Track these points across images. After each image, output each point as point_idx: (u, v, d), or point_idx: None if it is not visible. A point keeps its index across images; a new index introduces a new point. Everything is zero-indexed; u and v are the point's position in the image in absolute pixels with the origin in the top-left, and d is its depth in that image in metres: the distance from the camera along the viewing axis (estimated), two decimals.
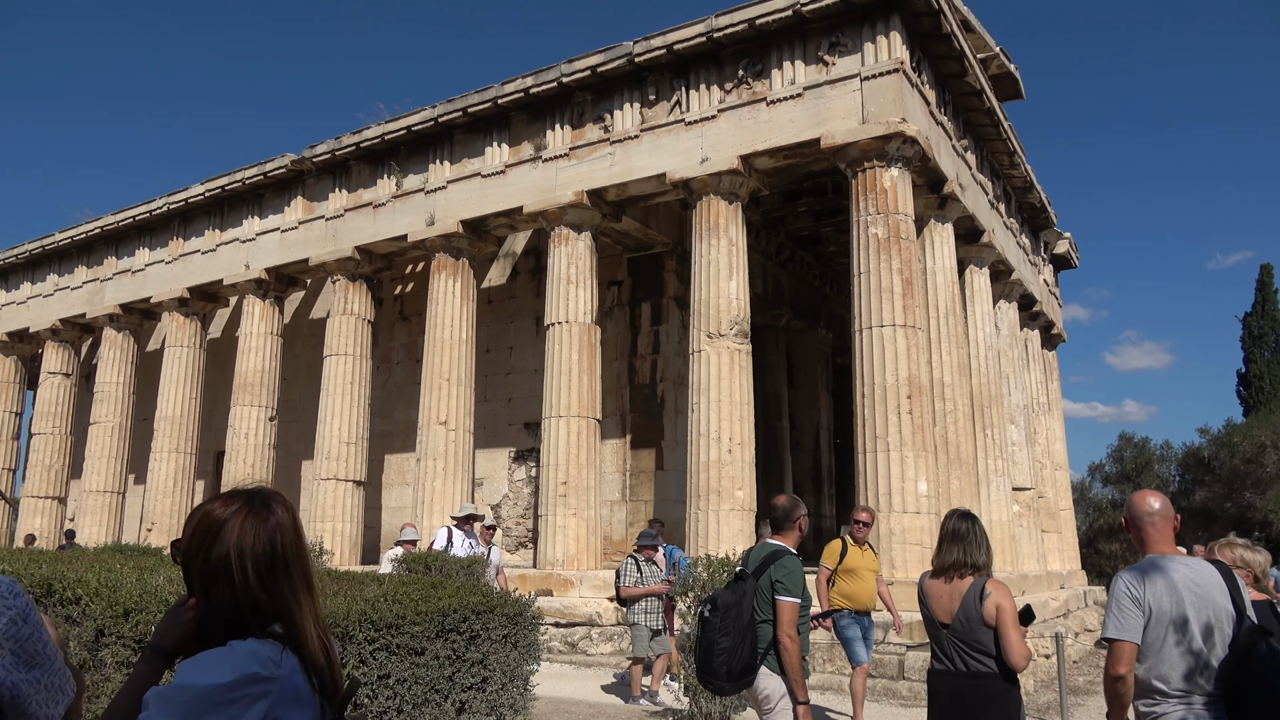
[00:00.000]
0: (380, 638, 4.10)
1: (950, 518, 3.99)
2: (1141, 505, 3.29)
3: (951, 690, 3.79)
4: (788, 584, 4.19)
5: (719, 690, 4.17)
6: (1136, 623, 3.08)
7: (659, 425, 15.00)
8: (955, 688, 3.77)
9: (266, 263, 16.67)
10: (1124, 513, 3.41)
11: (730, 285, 11.93)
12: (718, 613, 4.08)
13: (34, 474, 19.99)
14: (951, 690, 3.79)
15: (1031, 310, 18.37)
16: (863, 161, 11.28)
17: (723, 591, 4.24)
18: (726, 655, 4.02)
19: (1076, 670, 10.86)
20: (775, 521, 4.45)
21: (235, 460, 16.22)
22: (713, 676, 4.07)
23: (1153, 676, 3.07)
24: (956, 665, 3.76)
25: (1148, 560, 3.20)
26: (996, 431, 14.37)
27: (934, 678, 3.89)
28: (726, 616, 4.06)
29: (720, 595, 4.19)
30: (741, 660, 4.04)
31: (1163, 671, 3.05)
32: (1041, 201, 17.46)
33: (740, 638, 4.05)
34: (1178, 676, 3.03)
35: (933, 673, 3.91)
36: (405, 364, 17.55)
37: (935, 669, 3.88)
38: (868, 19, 11.28)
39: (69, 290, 20.26)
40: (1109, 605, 3.18)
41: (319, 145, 15.74)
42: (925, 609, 3.91)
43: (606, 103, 13.21)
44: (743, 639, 4.05)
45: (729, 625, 4.05)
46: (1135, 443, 31.88)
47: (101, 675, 4.11)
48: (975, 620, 3.72)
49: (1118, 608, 3.12)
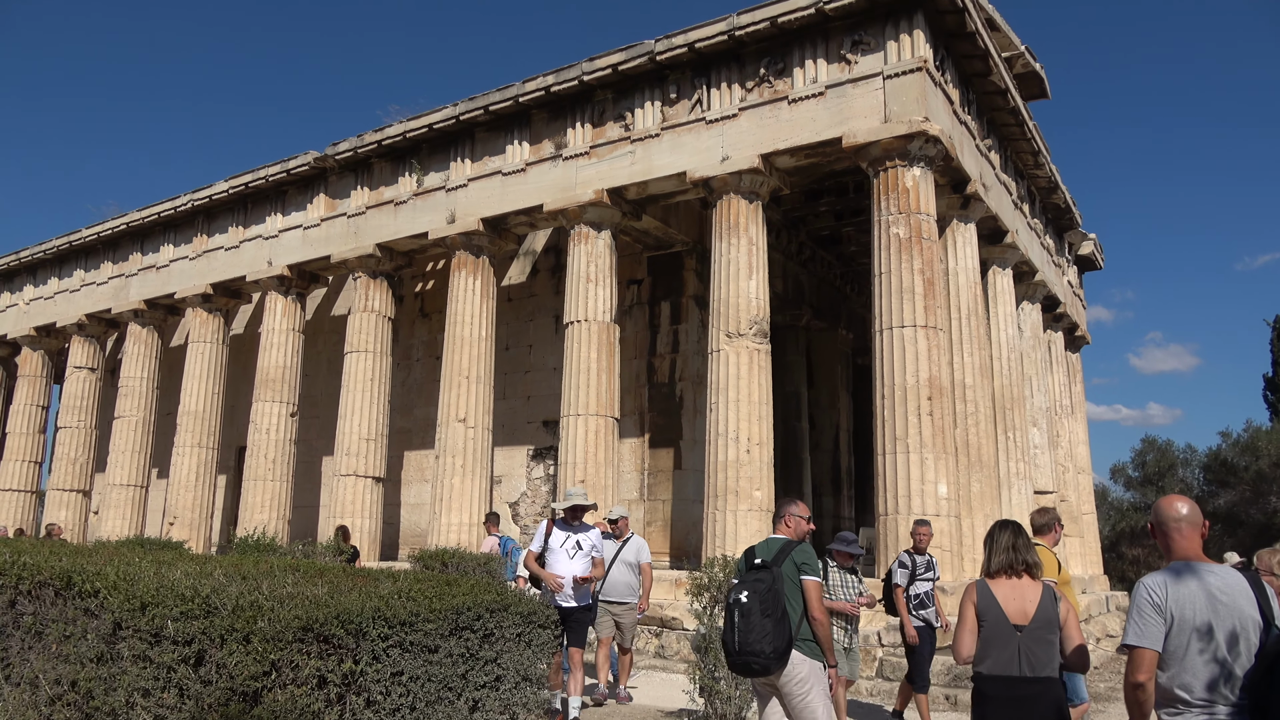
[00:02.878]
0: (394, 635, 4.10)
1: (996, 525, 4.07)
2: (1169, 510, 3.22)
3: (1017, 696, 3.67)
4: (812, 566, 4.70)
5: (764, 669, 4.47)
6: (1158, 630, 3.03)
7: (677, 424, 14.97)
8: (1023, 693, 3.66)
9: (289, 259, 16.78)
10: (1150, 517, 3.34)
11: (750, 284, 11.88)
12: (756, 597, 4.48)
13: (59, 467, 20.23)
14: (1017, 696, 3.67)
15: (1055, 312, 18.19)
16: (884, 161, 11.20)
17: (754, 579, 4.59)
18: (772, 635, 4.42)
19: (1098, 676, 10.73)
20: (778, 517, 4.99)
21: (256, 455, 16.34)
22: (757, 656, 4.42)
23: (1175, 685, 3.01)
24: (1023, 669, 3.67)
25: (1172, 566, 3.15)
26: (1018, 434, 14.23)
27: (993, 682, 3.72)
28: (765, 600, 4.47)
29: (754, 582, 4.56)
30: (784, 638, 4.45)
31: (1186, 680, 3.00)
32: (1066, 202, 17.28)
33: (780, 618, 4.47)
34: (1201, 685, 2.98)
35: (990, 678, 3.73)
36: (425, 361, 17.62)
37: (992, 675, 3.72)
38: (891, 17, 11.20)
39: (95, 286, 20.50)
40: (1130, 612, 3.13)
41: (341, 143, 15.83)
42: (996, 610, 3.77)
43: (627, 101, 13.20)
44: (782, 619, 4.48)
45: (769, 607, 4.47)
46: (1158, 446, 31.52)
47: (118, 668, 4.14)
48: (1053, 621, 3.72)
49: (1139, 614, 3.07)
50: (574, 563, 7.14)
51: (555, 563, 7.15)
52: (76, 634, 4.40)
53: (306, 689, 3.78)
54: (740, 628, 4.47)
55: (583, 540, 7.25)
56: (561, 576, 7.10)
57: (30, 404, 21.96)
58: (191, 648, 3.90)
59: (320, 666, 3.84)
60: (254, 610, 3.88)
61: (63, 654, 4.44)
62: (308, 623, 3.84)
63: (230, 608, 3.93)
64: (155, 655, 3.97)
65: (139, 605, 4.13)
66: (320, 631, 3.86)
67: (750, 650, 4.43)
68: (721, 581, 6.80)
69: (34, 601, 4.82)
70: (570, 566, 7.11)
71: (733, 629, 4.52)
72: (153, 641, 4.03)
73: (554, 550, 7.19)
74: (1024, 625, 3.72)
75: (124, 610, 4.18)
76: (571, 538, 7.24)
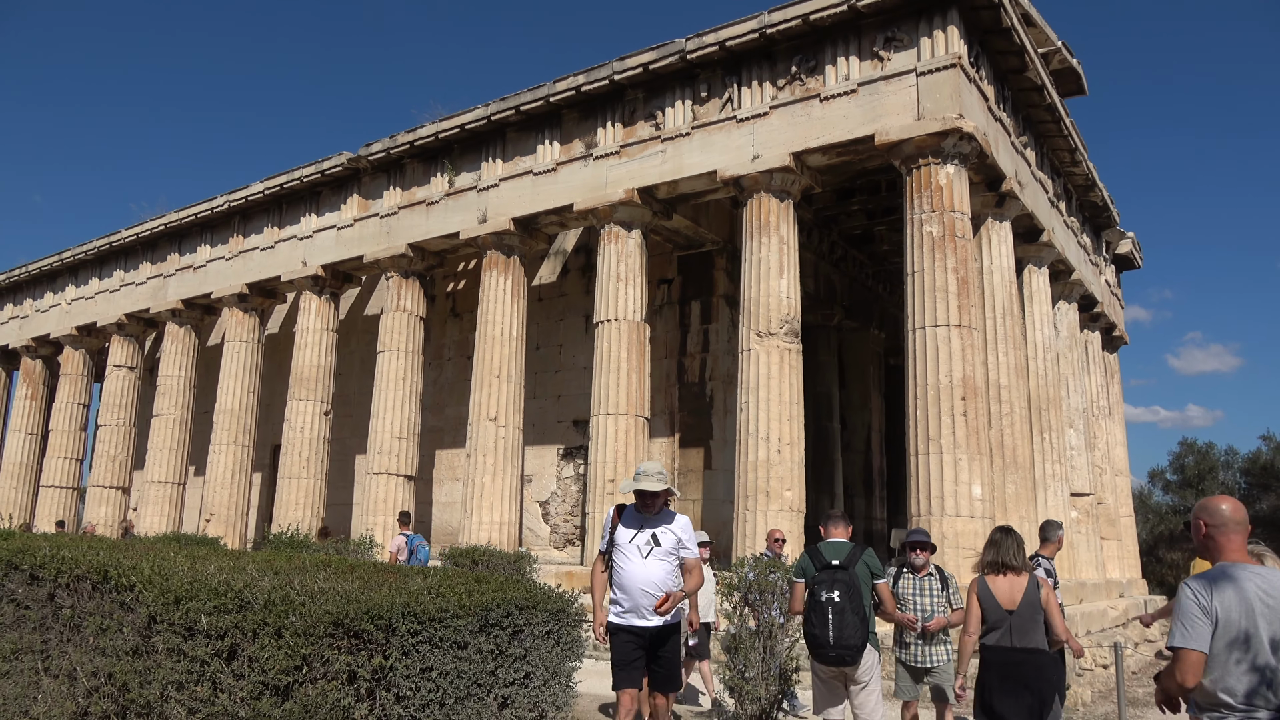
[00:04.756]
0: (424, 630, 4.11)
1: (996, 529, 5.18)
2: (1213, 510, 3.18)
3: (1009, 661, 4.78)
4: (882, 569, 5.46)
5: (853, 660, 5.11)
6: (1205, 631, 2.99)
7: (707, 424, 14.93)
8: (1013, 660, 4.77)
9: (323, 260, 16.95)
10: (1192, 517, 3.29)
11: (781, 284, 11.81)
12: (845, 597, 5.08)
13: (99, 464, 20.59)
14: (1009, 661, 4.78)
15: (1092, 311, 17.90)
16: (917, 158, 11.09)
17: (837, 579, 5.17)
18: (859, 630, 5.06)
19: (1136, 681, 10.55)
20: (829, 521, 5.60)
21: (291, 453, 16.52)
22: (850, 649, 5.05)
23: (1218, 688, 2.99)
24: (1013, 642, 4.78)
25: (1217, 569, 3.10)
26: (1054, 435, 14.02)
27: (990, 651, 4.85)
28: (853, 599, 5.09)
29: (839, 582, 5.15)
30: (865, 633, 5.10)
31: (1229, 684, 2.97)
32: (1104, 200, 17.01)
33: (863, 616, 5.11)
34: (1243, 689, 2.96)
35: (988, 648, 4.86)
36: (456, 360, 17.71)
37: (990, 646, 4.85)
38: (924, 13, 11.08)
39: (134, 286, 20.84)
40: (1175, 614, 3.10)
41: (374, 144, 15.96)
42: (991, 598, 4.90)
43: (658, 100, 13.18)
44: (865, 617, 5.13)
45: (856, 605, 5.08)
46: (1198, 448, 30.93)
47: (153, 661, 4.19)
48: (1035, 605, 4.85)
49: (1185, 616, 3.04)
50: (649, 565, 5.19)
51: (625, 566, 5.20)
52: (113, 627, 4.47)
53: (337, 684, 3.81)
54: (835, 624, 5.07)
55: (661, 535, 5.29)
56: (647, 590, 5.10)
57: (72, 402, 22.39)
58: (224, 641, 3.94)
59: (350, 661, 3.86)
60: (286, 605, 3.91)
61: (99, 646, 4.50)
62: (338, 618, 3.86)
63: (263, 602, 3.96)
64: (189, 649, 4.02)
65: (174, 599, 4.18)
66: (351, 627, 3.88)
67: (845, 644, 5.04)
68: (752, 582, 6.74)
69: (72, 595, 4.90)
70: (646, 570, 5.15)
71: (826, 624, 5.09)
72: (187, 635, 4.07)
73: (621, 548, 5.26)
74: (1013, 609, 4.83)
75: (159, 604, 4.23)
76: (644, 531, 5.23)
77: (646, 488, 5.22)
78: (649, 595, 5.05)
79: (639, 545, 5.22)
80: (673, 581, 5.18)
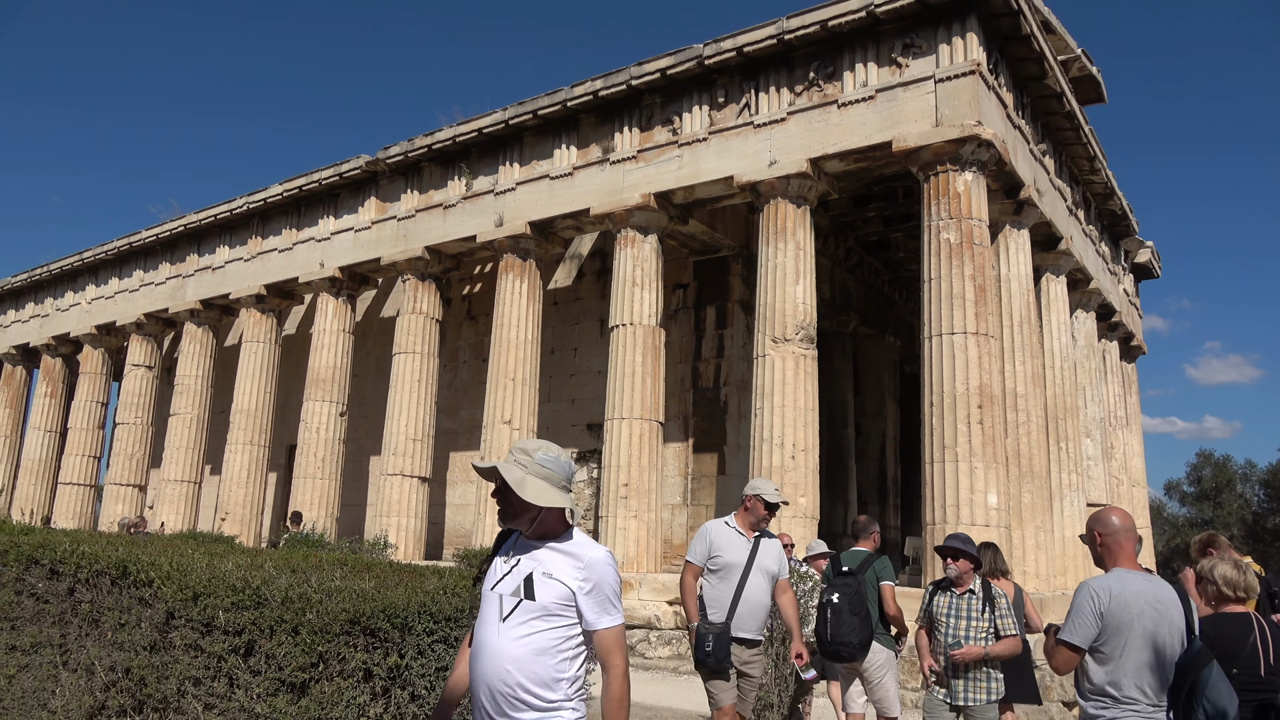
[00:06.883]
0: (439, 629, 4.12)
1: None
2: (1107, 522, 3.64)
3: None
4: (889, 573, 5.92)
5: (851, 656, 5.62)
6: (1090, 632, 3.42)
7: (721, 429, 14.91)
8: None
9: (340, 261, 17.04)
10: (1086, 529, 3.73)
11: (797, 290, 11.79)
12: (846, 598, 5.57)
13: (117, 462, 20.75)
14: None
15: (1110, 320, 17.79)
16: (935, 165, 11.06)
17: (843, 584, 5.69)
18: (858, 629, 5.54)
19: None
20: (857, 532, 6.15)
21: (306, 454, 16.60)
22: (845, 645, 5.54)
23: (1106, 682, 3.40)
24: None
25: (1113, 573, 3.53)
26: (1071, 445, 13.94)
27: None
28: (853, 601, 5.57)
29: (843, 586, 5.66)
30: (867, 632, 5.59)
31: (1116, 678, 3.39)
32: (1123, 208, 16.92)
33: (864, 617, 5.59)
34: (1129, 685, 3.37)
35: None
36: (471, 363, 17.76)
37: None
38: (943, 20, 11.06)
39: (153, 286, 21.01)
40: (1070, 610, 3.52)
41: (392, 147, 16.05)
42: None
43: (675, 105, 13.20)
44: (865, 617, 5.60)
45: (856, 607, 5.57)
46: (1215, 460, 30.68)
47: (170, 657, 4.22)
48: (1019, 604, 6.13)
49: (1078, 613, 3.45)
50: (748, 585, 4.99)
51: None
52: (131, 622, 4.50)
53: (353, 681, 3.82)
54: (833, 623, 5.58)
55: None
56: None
57: (90, 400, 22.57)
58: (241, 638, 3.96)
59: (366, 659, 3.87)
60: (303, 602, 3.93)
61: (118, 641, 4.54)
62: (355, 615, 3.88)
63: (280, 599, 3.98)
64: (206, 645, 4.05)
65: (191, 595, 4.21)
66: (366, 625, 3.90)
67: (840, 641, 5.55)
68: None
69: (91, 590, 4.94)
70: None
71: (825, 623, 5.63)
72: (204, 631, 4.10)
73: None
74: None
75: (177, 600, 4.26)
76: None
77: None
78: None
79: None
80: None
